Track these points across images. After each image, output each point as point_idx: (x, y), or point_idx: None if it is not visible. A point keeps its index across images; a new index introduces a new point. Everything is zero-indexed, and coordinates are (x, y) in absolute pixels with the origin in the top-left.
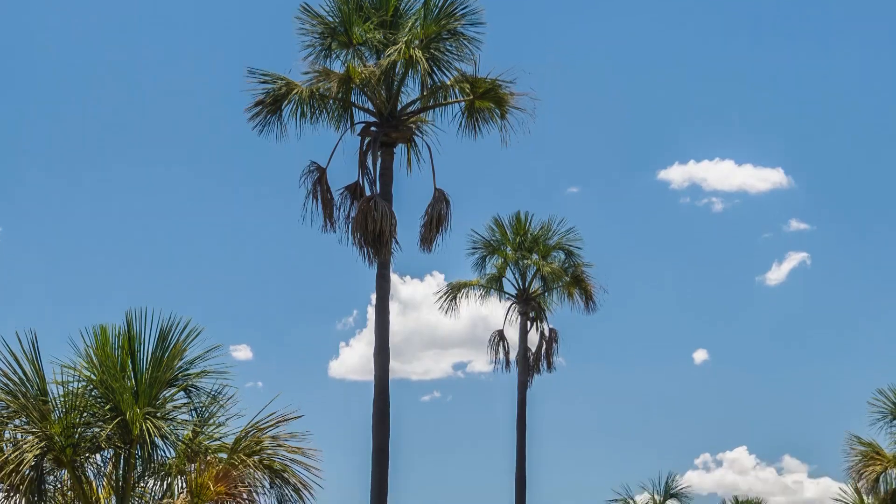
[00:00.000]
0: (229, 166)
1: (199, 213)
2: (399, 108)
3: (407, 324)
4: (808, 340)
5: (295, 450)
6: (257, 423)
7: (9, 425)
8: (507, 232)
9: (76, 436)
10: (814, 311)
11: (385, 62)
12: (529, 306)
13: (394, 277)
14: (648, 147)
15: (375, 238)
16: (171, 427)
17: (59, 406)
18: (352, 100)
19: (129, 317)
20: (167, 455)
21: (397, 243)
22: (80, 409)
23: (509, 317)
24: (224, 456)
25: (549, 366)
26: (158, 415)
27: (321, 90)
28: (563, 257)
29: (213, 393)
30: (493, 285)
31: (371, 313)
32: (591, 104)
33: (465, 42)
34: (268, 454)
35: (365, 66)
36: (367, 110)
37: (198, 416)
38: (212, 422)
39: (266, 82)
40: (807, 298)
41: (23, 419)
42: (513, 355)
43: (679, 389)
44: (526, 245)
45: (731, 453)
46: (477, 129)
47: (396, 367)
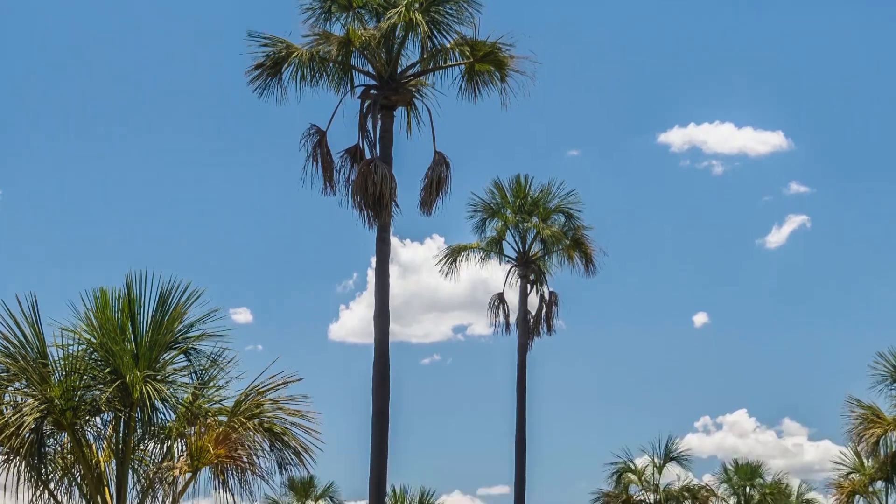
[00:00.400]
0: (229, 129)
1: (199, 176)
2: (399, 70)
3: (407, 287)
4: (808, 303)
5: (295, 413)
6: (257, 386)
7: (9, 388)
8: (507, 195)
9: (76, 399)
10: (814, 273)
11: (385, 25)
12: (529, 269)
13: (394, 240)
14: (648, 110)
15: (375, 201)
16: (171, 390)
17: (59, 369)
18: (352, 63)
19: (130, 279)
20: (167, 418)
21: (397, 206)
22: (80, 371)
23: (509, 280)
24: (224, 419)
25: (549, 329)
26: (158, 378)
27: (321, 53)
28: (563, 220)
29: (213, 356)
30: (493, 248)
31: (371, 276)
32: (591, 67)
33: (465, 5)
34: (268, 417)
35: (365, 28)
36: (367, 73)
37: (198, 379)
38: (212, 385)
39: (266, 45)
40: (807, 261)
41: (23, 382)
42: (513, 318)
43: (679, 352)
44: (526, 208)
45: (731, 416)
46: (477, 92)
47: (396, 330)
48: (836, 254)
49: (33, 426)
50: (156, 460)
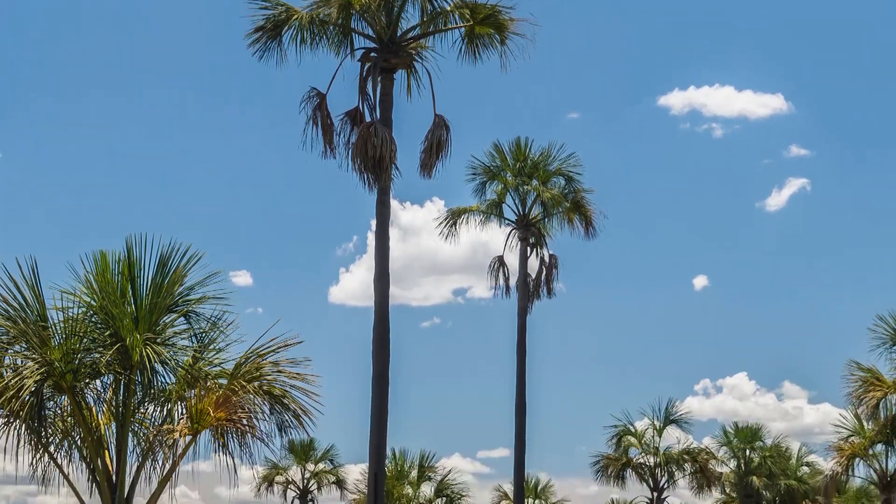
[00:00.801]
0: (230, 93)
1: (199, 140)
2: (399, 33)
3: (407, 250)
4: (808, 266)
5: (295, 375)
6: (257, 348)
7: (9, 351)
8: (507, 158)
9: (76, 361)
10: (814, 236)
11: None
12: (529, 232)
13: (394, 203)
14: (648, 73)
15: (375, 164)
16: (171, 353)
17: (59, 332)
18: (352, 25)
19: (129, 242)
20: (167, 381)
21: (397, 169)
22: (80, 334)
23: (509, 243)
24: (224, 382)
25: (549, 292)
26: (158, 341)
27: (321, 16)
28: (563, 183)
29: (213, 319)
30: (493, 211)
31: (371, 239)
32: (591, 30)
33: None
34: (268, 380)
35: None
36: (367, 36)
37: (198, 342)
38: (212, 348)
39: (266, 8)
40: (806, 224)
41: (23, 345)
42: (513, 281)
43: (679, 315)
44: (526, 171)
45: (731, 379)
46: (477, 55)
47: (396, 293)
48: (835, 216)
49: (33, 389)
50: (156, 423)
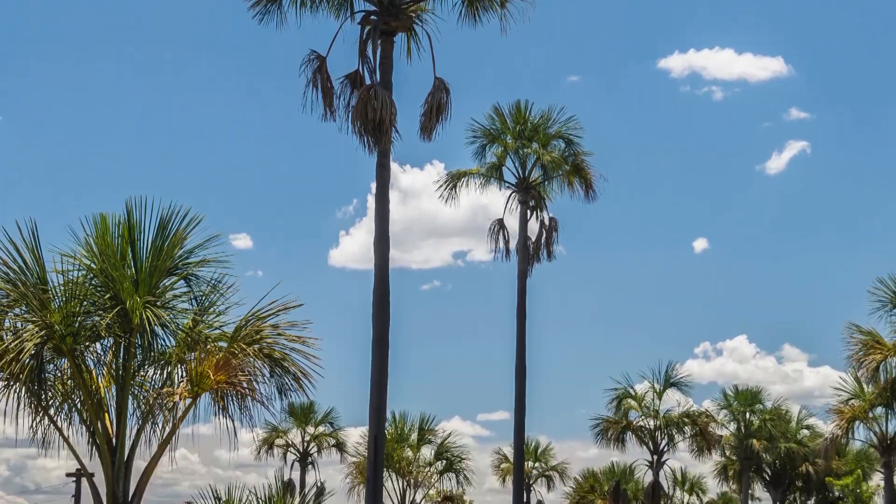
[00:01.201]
0: (229, 56)
1: (199, 103)
2: None
3: (407, 212)
4: (809, 229)
5: (295, 338)
6: (257, 311)
7: (9, 314)
8: (507, 120)
9: (76, 324)
10: (814, 199)
11: None
12: (529, 195)
13: (394, 166)
14: (649, 36)
15: (375, 126)
16: (171, 316)
17: (59, 295)
18: None
19: (130, 205)
20: (167, 344)
21: (397, 132)
22: (80, 297)
23: (509, 205)
24: (224, 345)
25: (549, 254)
26: (158, 303)
27: None
28: (562, 146)
29: (213, 282)
30: (493, 174)
31: (371, 202)
32: None
33: None
34: (268, 343)
35: None
36: None
37: (198, 305)
38: (212, 311)
39: None
40: (807, 187)
41: (23, 308)
42: (513, 244)
43: (679, 278)
44: (526, 133)
45: (731, 342)
46: (477, 17)
47: (396, 256)
48: (835, 179)
49: (33, 352)
50: (156, 386)
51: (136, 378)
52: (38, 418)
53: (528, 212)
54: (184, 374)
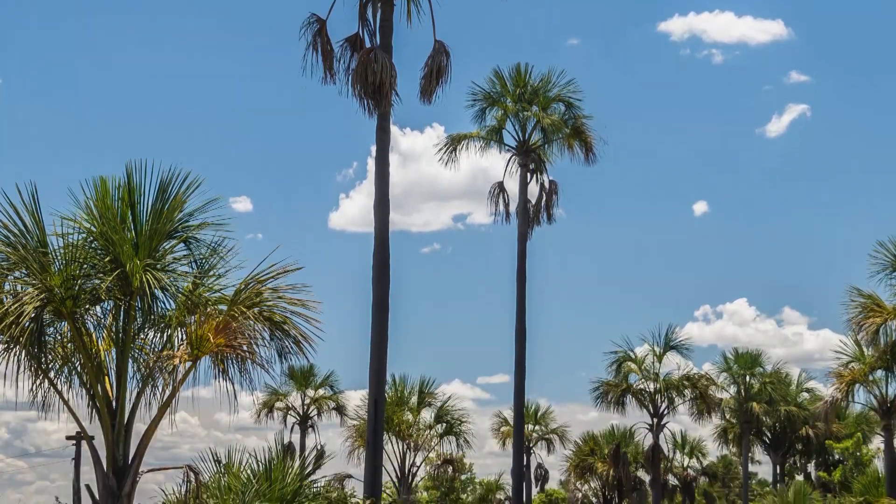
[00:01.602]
0: (229, 18)
1: (199, 65)
2: None
3: (407, 175)
4: (809, 192)
5: (295, 301)
6: (257, 274)
7: (9, 277)
8: (507, 84)
9: (76, 287)
10: (814, 162)
11: None
12: (529, 158)
13: (394, 129)
14: None
15: (375, 89)
16: (171, 279)
17: (59, 258)
18: None
19: (129, 168)
20: (167, 307)
21: (397, 95)
22: (80, 260)
23: (509, 168)
24: (224, 308)
25: (549, 217)
26: (158, 266)
27: None
28: (563, 109)
29: (213, 245)
30: (493, 137)
31: (371, 165)
32: None
33: None
34: (268, 306)
35: None
36: None
37: (198, 268)
38: (212, 274)
39: None
40: (806, 150)
41: (23, 271)
42: (513, 207)
43: (679, 241)
44: (526, 97)
45: (731, 305)
46: None
47: (396, 219)
48: (835, 142)
49: (33, 315)
50: (156, 349)
51: (136, 341)
52: (38, 381)
53: (528, 175)
54: (184, 337)
